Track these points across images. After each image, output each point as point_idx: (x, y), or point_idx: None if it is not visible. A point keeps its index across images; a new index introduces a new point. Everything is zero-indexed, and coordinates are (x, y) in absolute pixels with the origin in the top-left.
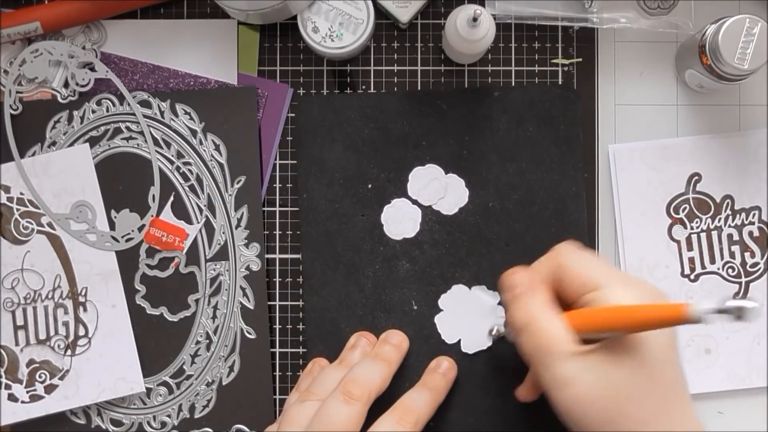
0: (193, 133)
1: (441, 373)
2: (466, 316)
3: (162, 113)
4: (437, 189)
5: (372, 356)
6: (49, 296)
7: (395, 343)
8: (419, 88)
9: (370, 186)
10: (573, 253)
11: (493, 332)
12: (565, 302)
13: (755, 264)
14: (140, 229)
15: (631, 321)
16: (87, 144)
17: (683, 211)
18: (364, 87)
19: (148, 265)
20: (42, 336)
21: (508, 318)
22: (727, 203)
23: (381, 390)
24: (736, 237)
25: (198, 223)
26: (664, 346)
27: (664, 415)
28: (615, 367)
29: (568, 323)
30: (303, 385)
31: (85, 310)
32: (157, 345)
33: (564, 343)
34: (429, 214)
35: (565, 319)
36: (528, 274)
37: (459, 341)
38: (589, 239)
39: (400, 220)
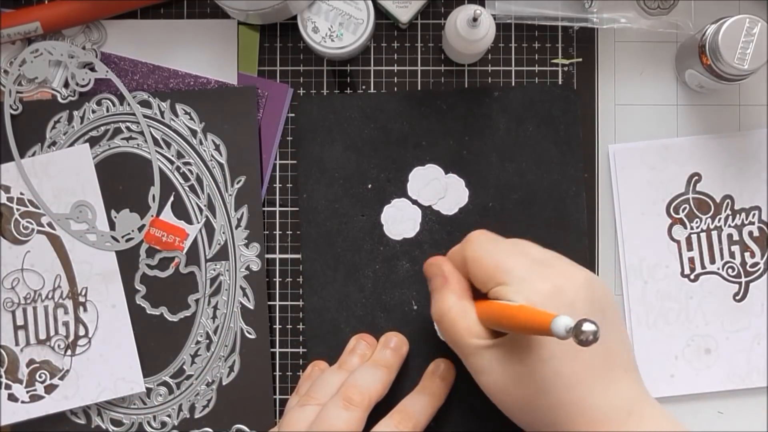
0: (193, 133)
1: (440, 377)
2: None
3: (162, 113)
4: (437, 189)
5: (372, 362)
6: (49, 296)
7: (394, 347)
8: (419, 88)
9: (370, 186)
10: (480, 244)
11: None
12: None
13: (755, 264)
14: (140, 229)
15: (513, 323)
16: (87, 144)
17: (683, 211)
18: (364, 87)
19: (148, 265)
20: (42, 336)
21: (431, 309)
22: (727, 203)
23: (381, 396)
24: (736, 237)
25: (198, 223)
26: (567, 344)
27: (576, 404)
28: (518, 362)
29: (477, 313)
30: (303, 389)
31: (85, 310)
32: (157, 345)
33: (474, 336)
34: (429, 214)
35: (476, 310)
36: (443, 265)
37: None
38: (589, 239)
39: (400, 220)
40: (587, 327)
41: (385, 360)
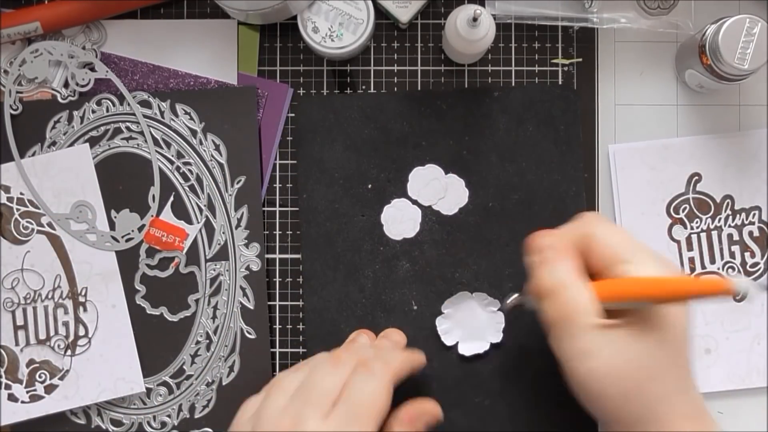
0: (193, 133)
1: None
2: (466, 321)
3: (162, 113)
4: (437, 189)
5: (368, 345)
6: (49, 296)
7: (394, 340)
8: (419, 88)
9: (370, 186)
10: (602, 223)
11: (509, 300)
12: (590, 272)
13: (755, 264)
14: (140, 229)
15: (663, 292)
16: (87, 144)
17: (683, 211)
18: (364, 87)
19: (148, 265)
20: (42, 336)
21: (534, 282)
22: (727, 203)
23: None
24: (736, 237)
25: (198, 223)
26: (684, 327)
27: (681, 394)
28: (637, 343)
29: (596, 293)
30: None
31: (85, 310)
32: (157, 345)
33: (590, 314)
34: (429, 214)
35: (593, 289)
36: (557, 238)
37: (457, 344)
38: None
39: (400, 220)
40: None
41: (381, 344)
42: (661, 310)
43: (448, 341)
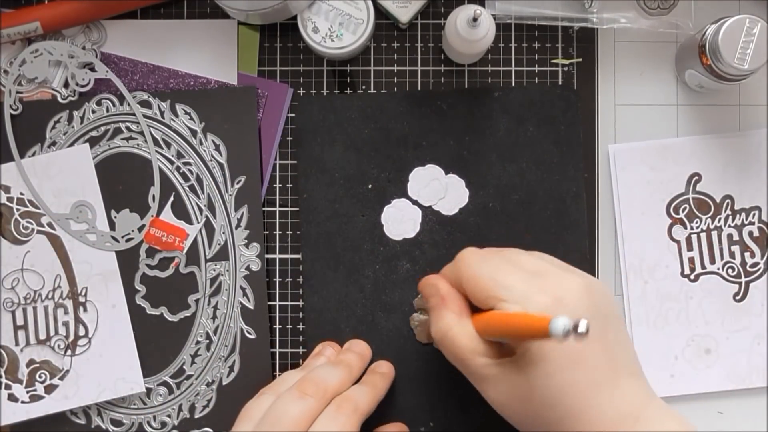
0: (193, 133)
1: (379, 373)
2: None
3: (162, 113)
4: (437, 189)
5: (332, 361)
6: (49, 296)
7: (358, 350)
8: (419, 88)
9: (370, 186)
10: (473, 262)
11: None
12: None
13: (755, 264)
14: (140, 229)
15: (511, 330)
16: (87, 144)
17: (683, 211)
18: (364, 87)
19: (148, 265)
20: (42, 336)
21: (430, 328)
22: (727, 203)
23: (338, 390)
24: (736, 237)
25: (198, 223)
26: (570, 355)
27: (582, 415)
28: (523, 379)
29: (475, 326)
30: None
31: (85, 310)
32: (157, 345)
33: (478, 354)
34: (429, 214)
35: (474, 326)
36: (439, 284)
37: None
38: (589, 239)
39: (400, 221)
40: (582, 326)
41: (347, 359)
42: (534, 343)
43: None
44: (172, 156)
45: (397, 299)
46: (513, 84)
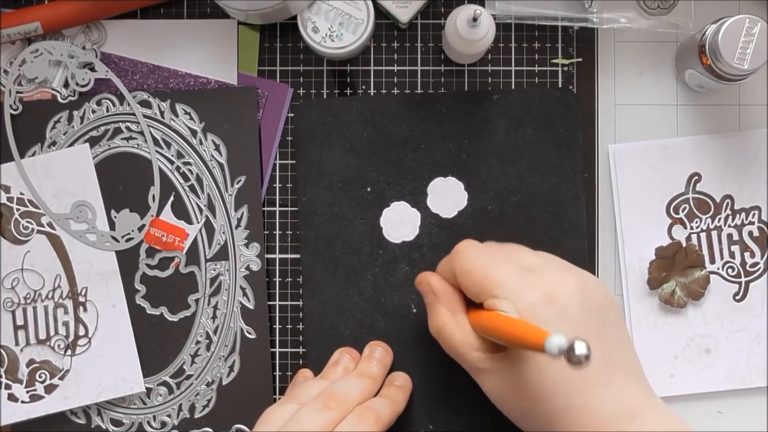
0: (193, 133)
1: (396, 385)
2: None
3: (162, 113)
4: (437, 192)
5: (356, 373)
6: (49, 296)
7: (379, 357)
8: (419, 89)
9: (369, 189)
10: (468, 256)
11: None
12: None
13: (755, 264)
14: (140, 229)
15: (507, 337)
16: (87, 144)
17: (683, 211)
18: (363, 87)
19: (148, 265)
20: (42, 336)
21: (428, 325)
22: (727, 203)
23: (360, 403)
24: (735, 237)
25: (198, 223)
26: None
27: (575, 411)
28: (518, 372)
29: (471, 323)
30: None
31: (85, 310)
32: (157, 345)
33: (473, 349)
34: (428, 217)
35: (470, 322)
36: (431, 281)
37: None
38: (588, 241)
39: (399, 224)
40: (579, 348)
41: (370, 371)
42: None
43: None
44: (172, 156)
45: (396, 302)
46: (513, 84)
